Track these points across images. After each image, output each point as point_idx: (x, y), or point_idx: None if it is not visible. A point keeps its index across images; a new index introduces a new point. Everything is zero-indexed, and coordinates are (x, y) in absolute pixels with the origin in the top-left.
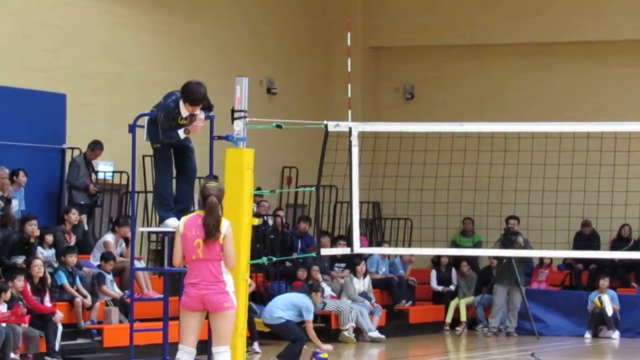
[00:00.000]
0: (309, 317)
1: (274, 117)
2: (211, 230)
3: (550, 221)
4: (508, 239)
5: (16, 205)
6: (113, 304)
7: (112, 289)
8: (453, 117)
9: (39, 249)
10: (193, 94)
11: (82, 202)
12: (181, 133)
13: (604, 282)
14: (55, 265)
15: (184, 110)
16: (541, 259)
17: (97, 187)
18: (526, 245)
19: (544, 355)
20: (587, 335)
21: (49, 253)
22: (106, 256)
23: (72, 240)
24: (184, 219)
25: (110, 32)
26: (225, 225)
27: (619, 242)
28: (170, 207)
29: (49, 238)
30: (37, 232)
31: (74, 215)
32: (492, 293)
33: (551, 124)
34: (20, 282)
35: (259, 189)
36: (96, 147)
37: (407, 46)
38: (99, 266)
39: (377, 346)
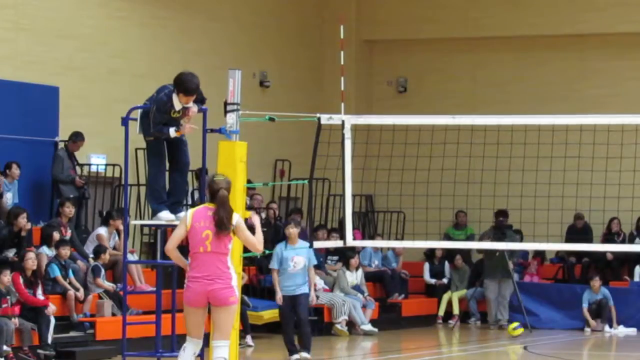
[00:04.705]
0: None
1: (266, 109)
2: (224, 224)
3: (543, 214)
4: (502, 233)
5: (10, 199)
6: (107, 297)
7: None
8: (446, 110)
9: (45, 248)
10: (187, 83)
11: (71, 196)
12: (172, 132)
13: (595, 282)
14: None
15: (177, 103)
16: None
17: (83, 179)
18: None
19: (537, 349)
20: (587, 329)
21: (53, 252)
22: (99, 249)
23: (68, 233)
24: (191, 210)
25: (104, 25)
26: (235, 217)
27: (609, 236)
28: (163, 200)
29: (57, 235)
30: (28, 226)
31: (68, 209)
32: (484, 287)
33: (544, 117)
34: (6, 277)
35: (249, 181)
36: (77, 138)
37: (401, 39)
38: (94, 259)
39: (369, 339)
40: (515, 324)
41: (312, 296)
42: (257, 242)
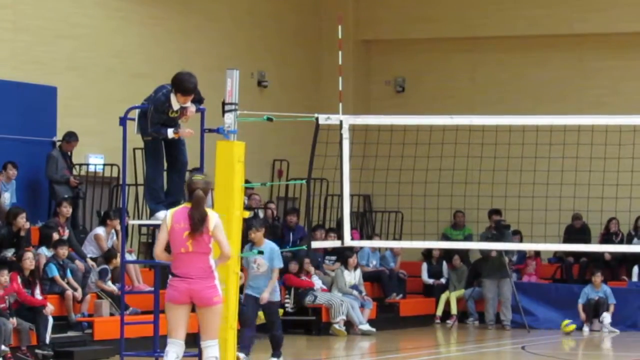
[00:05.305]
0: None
1: (264, 109)
2: (197, 224)
3: (541, 214)
4: (501, 233)
5: (8, 198)
6: (106, 296)
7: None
8: (444, 110)
9: (43, 249)
10: (185, 83)
11: (66, 196)
12: (170, 133)
13: (597, 278)
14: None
15: (175, 103)
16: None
17: (77, 178)
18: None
19: (535, 349)
20: (586, 328)
21: (51, 252)
22: (110, 253)
23: (65, 233)
24: (171, 211)
25: (102, 25)
26: (213, 218)
27: (607, 236)
28: (161, 199)
29: (55, 235)
30: (27, 225)
31: (65, 209)
32: (482, 287)
33: (542, 117)
34: (4, 277)
35: (247, 181)
36: (71, 138)
37: (398, 39)
38: (104, 261)
39: (367, 339)
40: (568, 321)
41: (262, 297)
42: (229, 247)
